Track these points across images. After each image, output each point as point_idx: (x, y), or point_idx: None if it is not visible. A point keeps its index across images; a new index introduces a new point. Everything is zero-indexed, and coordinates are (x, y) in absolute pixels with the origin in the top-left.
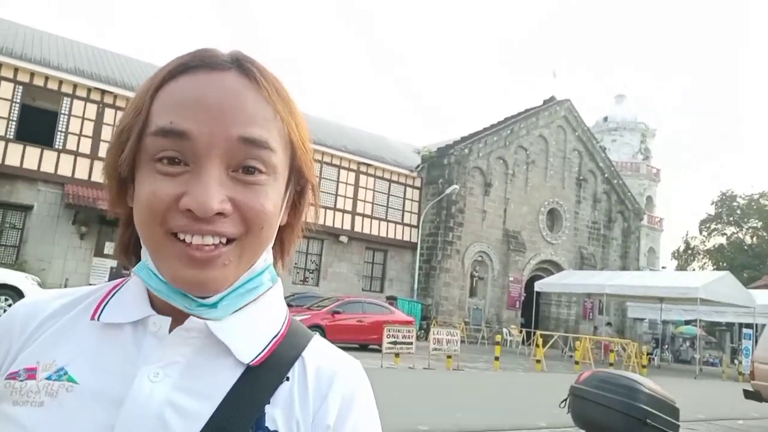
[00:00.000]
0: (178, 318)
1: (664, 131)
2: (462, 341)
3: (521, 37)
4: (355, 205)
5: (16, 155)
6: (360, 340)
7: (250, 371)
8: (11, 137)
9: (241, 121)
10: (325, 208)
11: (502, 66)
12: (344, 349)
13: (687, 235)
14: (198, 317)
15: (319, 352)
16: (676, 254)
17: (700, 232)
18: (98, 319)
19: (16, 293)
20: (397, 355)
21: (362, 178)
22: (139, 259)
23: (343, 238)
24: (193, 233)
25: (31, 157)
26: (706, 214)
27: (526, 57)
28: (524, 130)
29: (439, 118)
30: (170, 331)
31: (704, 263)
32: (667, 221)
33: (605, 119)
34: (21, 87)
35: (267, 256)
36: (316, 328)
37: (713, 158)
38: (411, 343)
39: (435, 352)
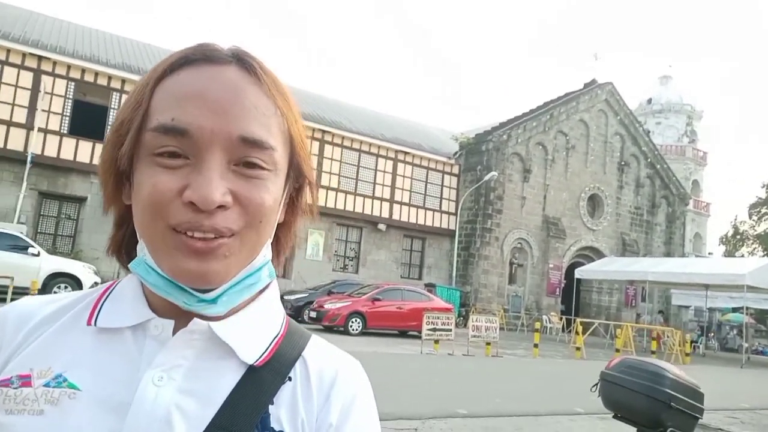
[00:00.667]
0: (179, 320)
1: (711, 113)
2: (501, 328)
3: (561, 18)
4: (393, 193)
5: (69, 149)
6: (400, 327)
7: (252, 371)
8: (65, 132)
9: (242, 118)
10: (364, 196)
11: (542, 50)
12: (384, 335)
13: (736, 219)
14: (197, 314)
15: (319, 351)
16: (724, 239)
17: (750, 217)
18: (95, 324)
19: (74, 281)
20: (436, 341)
21: (400, 166)
22: (131, 258)
23: (382, 226)
24: (195, 230)
25: (83, 151)
26: (756, 197)
27: (567, 39)
28: (564, 115)
29: (477, 103)
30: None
31: (754, 248)
32: (716, 206)
33: (649, 101)
34: (73, 83)
35: (266, 252)
36: (357, 314)
37: (764, 140)
38: (450, 330)
39: (474, 338)
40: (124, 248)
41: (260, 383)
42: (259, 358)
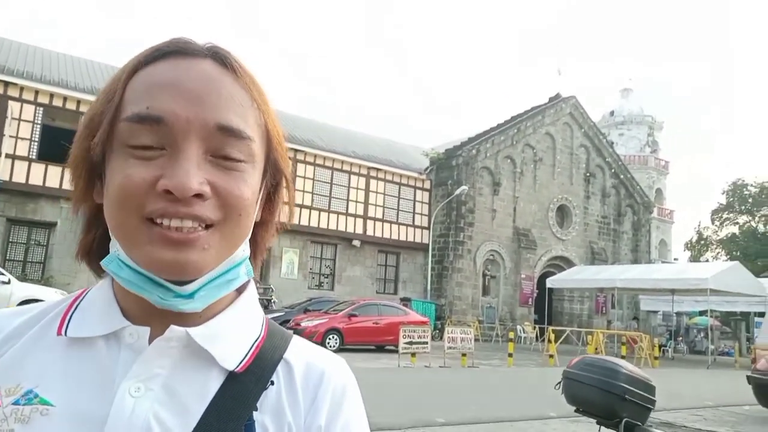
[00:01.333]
0: (155, 326)
1: (673, 120)
2: (476, 339)
3: (526, 30)
4: (366, 209)
5: (38, 174)
6: (377, 342)
7: (233, 378)
8: (33, 157)
9: (218, 107)
10: (337, 213)
11: (508, 60)
12: (361, 350)
13: (699, 225)
14: (173, 311)
15: (302, 352)
16: (689, 245)
17: (712, 222)
18: (65, 334)
19: None
20: (413, 354)
21: (372, 182)
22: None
23: (356, 242)
24: (171, 217)
25: (53, 176)
26: (718, 203)
27: (531, 51)
28: (531, 129)
29: (446, 111)
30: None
31: (717, 253)
32: (681, 212)
33: (612, 113)
34: (41, 108)
35: (245, 248)
36: (334, 331)
37: (723, 147)
38: (426, 343)
39: (450, 350)
40: (95, 252)
41: (242, 389)
42: (240, 363)
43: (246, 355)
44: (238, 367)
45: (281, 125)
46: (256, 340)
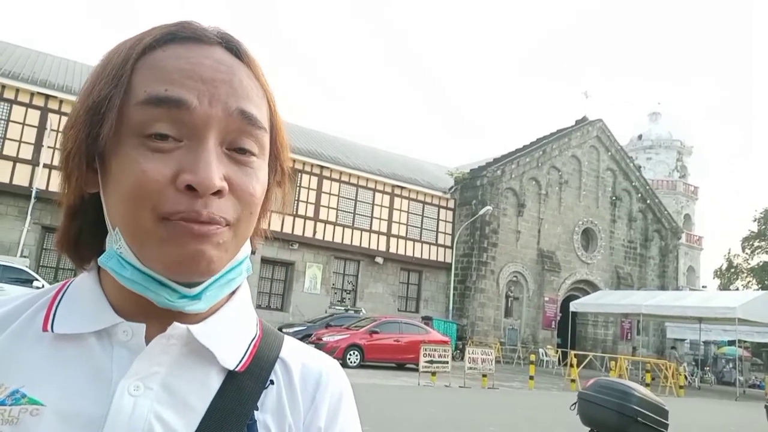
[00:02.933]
0: (150, 323)
1: (703, 142)
2: (497, 361)
3: (550, 43)
4: (390, 226)
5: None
6: (397, 359)
7: (233, 377)
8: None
9: (239, 95)
10: (361, 230)
11: (532, 72)
12: (382, 368)
13: (729, 253)
14: (176, 312)
15: (297, 352)
16: (718, 273)
17: (743, 250)
18: (52, 330)
19: None
20: (433, 373)
21: (396, 200)
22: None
23: (379, 259)
24: (191, 221)
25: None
26: (749, 231)
27: (556, 64)
28: (556, 151)
29: (469, 129)
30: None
31: (748, 282)
32: (710, 238)
33: (640, 137)
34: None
35: (247, 246)
36: (355, 347)
37: (756, 172)
38: (447, 363)
39: (470, 371)
40: (80, 243)
41: (242, 389)
42: (240, 362)
43: (245, 354)
44: (238, 366)
45: (307, 141)
46: (253, 339)
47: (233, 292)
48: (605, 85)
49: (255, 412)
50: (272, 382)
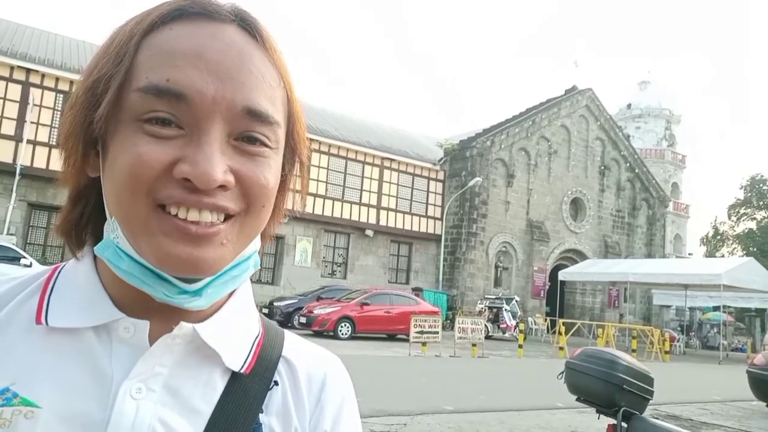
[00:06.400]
0: (153, 321)
1: (692, 113)
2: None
3: (543, 23)
4: (379, 199)
5: (59, 160)
6: (388, 330)
7: (237, 378)
8: (54, 143)
9: (248, 87)
10: (351, 203)
11: (524, 53)
12: (373, 339)
13: (716, 220)
14: (175, 307)
15: (299, 349)
16: (704, 240)
17: (729, 218)
18: (46, 323)
19: None
20: (424, 344)
21: (386, 172)
22: (97, 241)
23: (369, 232)
24: (189, 207)
25: None
26: (735, 198)
27: (547, 43)
28: (546, 121)
29: (460, 106)
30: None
31: (734, 249)
32: (697, 207)
33: (629, 106)
34: (62, 95)
35: (257, 240)
36: (346, 319)
37: (743, 141)
38: (437, 333)
39: (460, 340)
40: (81, 229)
41: (247, 390)
42: (245, 363)
43: (249, 354)
44: (243, 367)
45: None
46: (256, 337)
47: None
48: (596, 61)
49: (260, 414)
50: (276, 383)
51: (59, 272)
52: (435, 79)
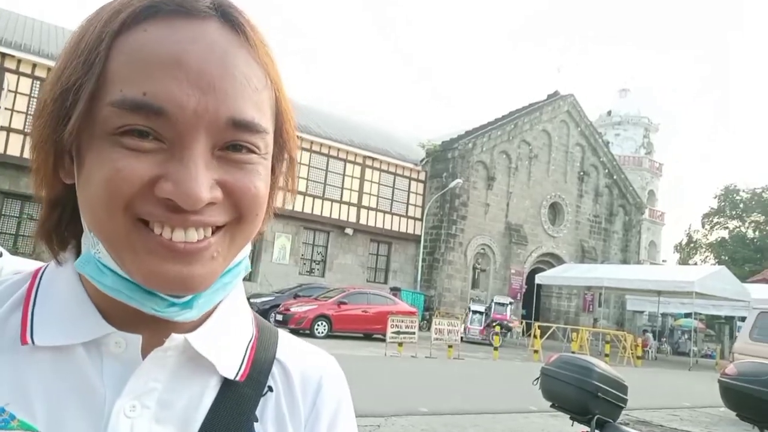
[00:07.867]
0: (145, 334)
1: (673, 120)
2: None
3: (529, 24)
4: (360, 198)
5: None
6: (365, 330)
7: (231, 385)
8: (29, 131)
9: (231, 96)
10: (331, 200)
11: (513, 45)
12: (349, 338)
13: (690, 228)
14: (165, 320)
15: (293, 351)
16: (678, 248)
17: (703, 226)
18: (32, 342)
19: None
20: (400, 344)
21: (368, 171)
22: (66, 244)
23: (349, 231)
24: (174, 226)
25: None
26: (709, 207)
27: (532, 44)
28: (528, 125)
29: (448, 98)
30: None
31: (706, 257)
32: (671, 215)
33: (609, 113)
34: (38, 82)
35: (248, 245)
36: (323, 317)
37: (718, 151)
38: (414, 333)
39: (437, 341)
40: (61, 231)
41: (240, 398)
42: (239, 370)
43: (243, 360)
44: (238, 375)
45: None
46: (250, 341)
47: None
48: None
49: (255, 424)
50: (270, 389)
51: (40, 280)
52: (423, 71)
